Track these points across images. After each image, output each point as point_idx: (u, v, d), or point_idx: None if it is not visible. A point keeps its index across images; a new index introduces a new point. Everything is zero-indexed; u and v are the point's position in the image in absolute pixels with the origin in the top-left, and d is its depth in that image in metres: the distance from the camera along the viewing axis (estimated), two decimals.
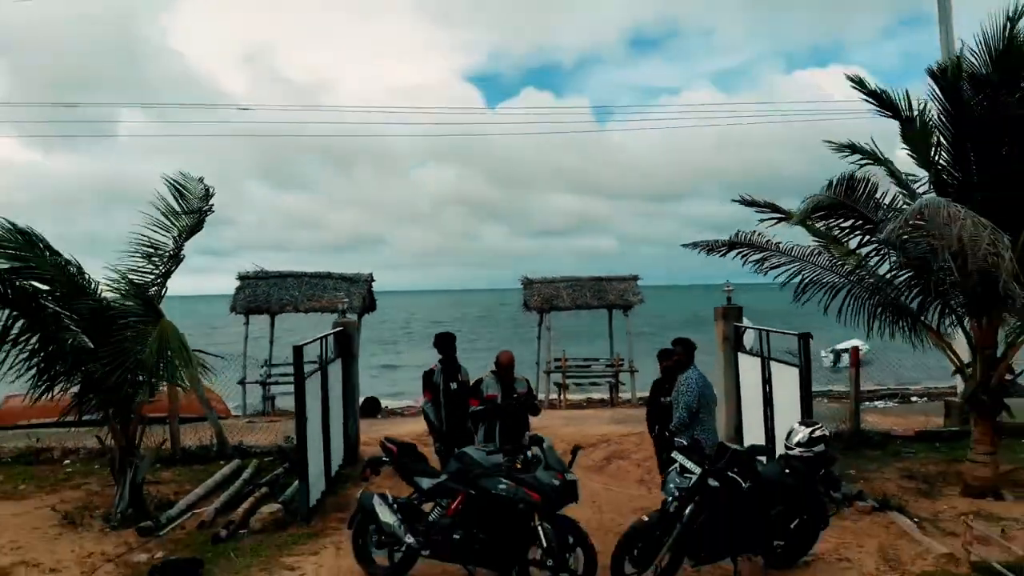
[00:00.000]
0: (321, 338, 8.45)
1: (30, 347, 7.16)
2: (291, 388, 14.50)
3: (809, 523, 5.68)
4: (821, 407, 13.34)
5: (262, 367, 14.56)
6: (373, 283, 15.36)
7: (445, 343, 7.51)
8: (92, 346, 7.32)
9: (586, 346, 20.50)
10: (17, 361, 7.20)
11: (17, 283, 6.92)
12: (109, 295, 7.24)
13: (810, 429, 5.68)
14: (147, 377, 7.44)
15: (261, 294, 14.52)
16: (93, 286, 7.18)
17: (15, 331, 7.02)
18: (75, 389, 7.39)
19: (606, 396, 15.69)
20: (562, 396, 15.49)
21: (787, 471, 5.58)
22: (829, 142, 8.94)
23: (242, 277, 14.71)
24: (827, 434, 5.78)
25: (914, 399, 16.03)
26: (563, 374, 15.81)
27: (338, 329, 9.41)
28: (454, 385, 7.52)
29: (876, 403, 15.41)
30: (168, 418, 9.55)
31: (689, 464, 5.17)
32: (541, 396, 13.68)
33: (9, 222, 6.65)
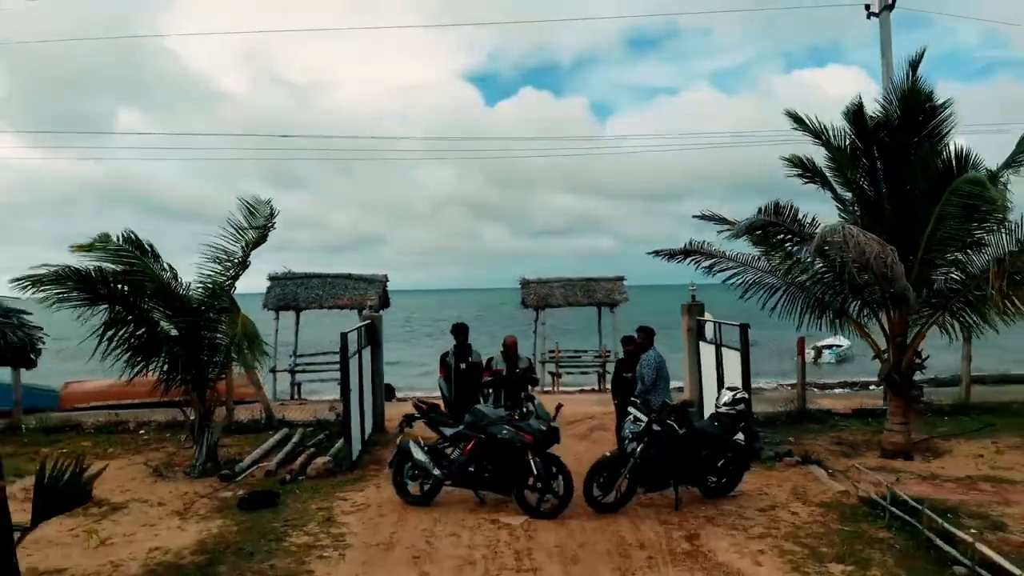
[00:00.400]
0: (355, 329, 10.37)
1: (128, 335, 9.05)
2: (315, 375, 16.48)
3: (734, 464, 7.61)
4: (782, 392, 15.34)
5: (290, 357, 16.48)
6: (387, 283, 17.26)
7: (460, 331, 9.46)
8: (178, 334, 9.24)
9: (577, 340, 22.47)
10: (114, 349, 9.07)
11: (123, 283, 8.82)
12: (195, 294, 9.16)
13: (733, 393, 7.63)
14: (222, 359, 9.39)
15: (289, 293, 16.43)
16: (184, 286, 9.10)
17: (118, 323, 8.94)
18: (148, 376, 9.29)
19: (596, 386, 17.59)
20: (555, 384, 17.41)
21: (715, 423, 7.52)
22: (784, 158, 10.87)
23: (272, 278, 16.61)
24: (747, 397, 7.73)
25: (871, 387, 17.93)
26: (556, 364, 17.77)
27: (367, 322, 11.33)
28: (463, 365, 9.48)
29: (836, 390, 17.38)
30: (224, 397, 11.46)
31: (639, 414, 7.11)
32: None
33: (129, 233, 8.59)
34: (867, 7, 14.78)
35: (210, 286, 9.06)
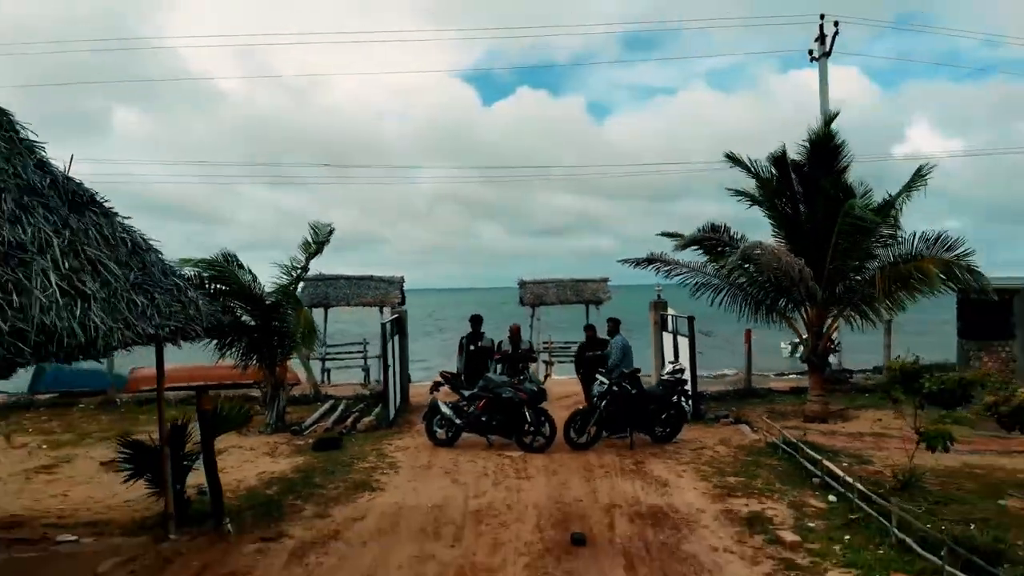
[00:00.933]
0: (390, 321, 13.17)
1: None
2: (343, 364, 19.21)
3: (674, 418, 10.41)
4: (742, 376, 18.11)
5: (321, 347, 19.24)
6: (403, 284, 20.04)
7: (475, 320, 12.33)
8: (254, 324, 12.02)
9: (569, 333, 25.26)
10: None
11: (215, 284, 11.60)
12: (268, 294, 11.97)
13: (673, 365, 10.47)
14: (288, 344, 12.18)
15: (320, 292, 19.16)
16: (260, 287, 11.89)
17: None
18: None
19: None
20: (548, 371, 20.19)
21: (660, 387, 10.33)
22: (728, 188, 13.67)
23: (305, 280, 19.37)
24: (683, 368, 10.56)
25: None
26: (549, 353, 20.56)
27: (396, 316, 14.14)
28: (473, 347, 12.29)
29: (790, 375, 20.14)
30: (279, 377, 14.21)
31: (603, 379, 9.92)
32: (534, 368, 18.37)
33: (226, 252, 11.38)
34: (810, 52, 17.62)
35: (281, 288, 11.88)
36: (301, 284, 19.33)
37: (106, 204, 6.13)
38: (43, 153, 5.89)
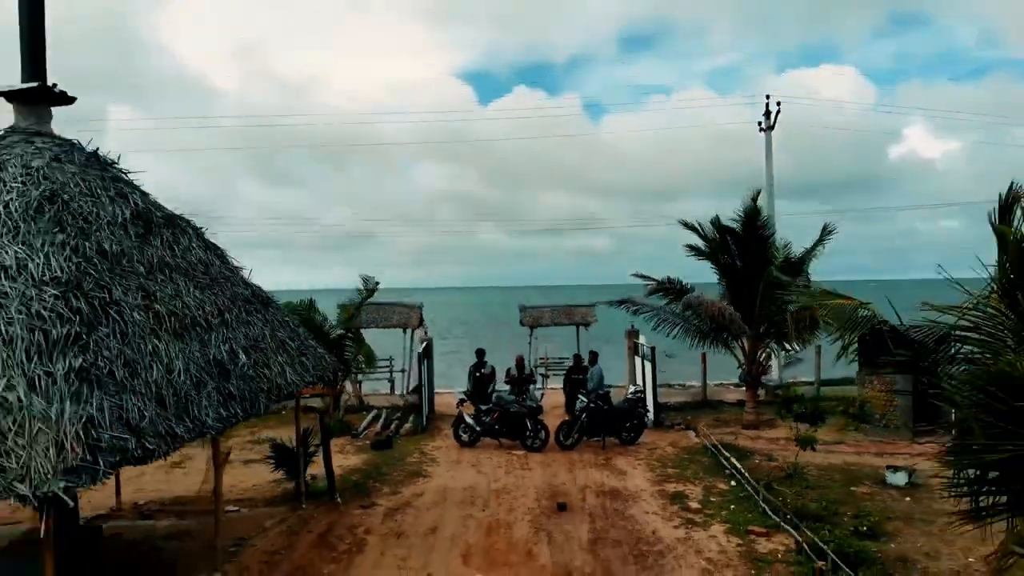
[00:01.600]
0: (423, 347, 16.99)
1: None
2: (373, 381, 22.89)
3: (636, 426, 14.26)
4: (694, 390, 21.89)
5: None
6: (422, 310, 23.82)
7: (479, 353, 16.16)
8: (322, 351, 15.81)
9: (561, 349, 29.25)
10: None
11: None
12: (333, 330, 15.80)
13: (635, 388, 14.34)
14: (346, 368, 16.01)
15: (354, 317, 22.96)
16: (327, 324, 15.70)
17: None
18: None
19: None
20: (544, 383, 24.04)
21: (625, 403, 14.21)
22: (685, 244, 17.52)
23: (340, 306, 23.15)
24: (642, 390, 14.44)
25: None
26: (545, 368, 24.41)
27: (425, 343, 17.97)
28: (478, 374, 16.11)
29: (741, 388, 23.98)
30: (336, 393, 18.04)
31: (584, 398, 13.78)
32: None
33: (305, 301, 15.20)
34: (759, 123, 21.48)
35: (342, 325, 15.73)
36: (338, 311, 23.34)
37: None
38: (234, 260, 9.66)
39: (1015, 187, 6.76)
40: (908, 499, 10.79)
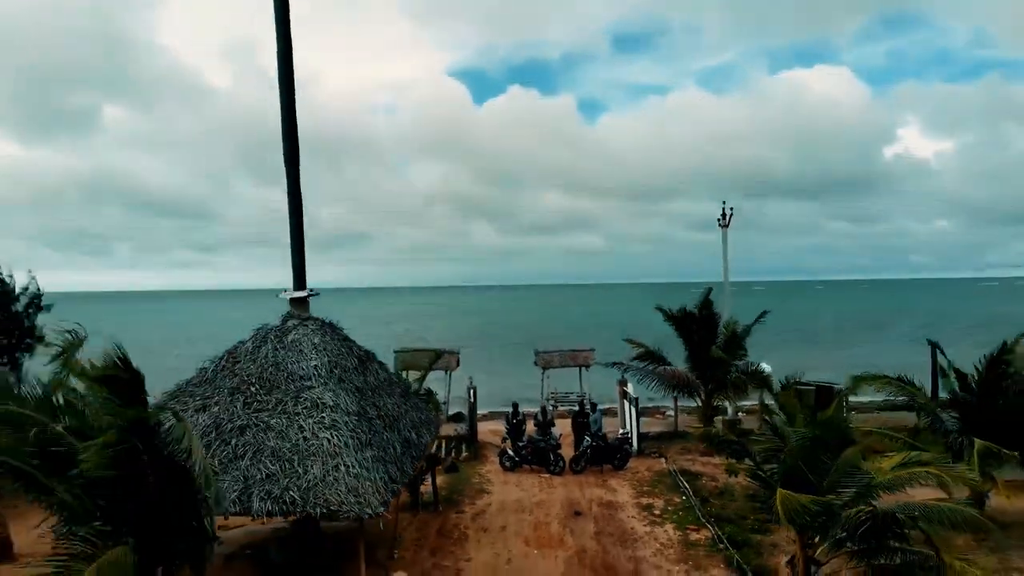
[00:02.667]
0: (470, 391, 23.79)
1: None
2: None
3: (624, 457, 21.12)
4: (670, 419, 28.78)
5: None
6: (459, 355, 30.54)
7: (515, 406, 22.95)
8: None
9: (569, 383, 36.13)
10: None
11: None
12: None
13: (624, 431, 21.21)
14: None
15: (408, 358, 29.67)
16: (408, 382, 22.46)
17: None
18: None
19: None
20: (555, 414, 30.89)
21: (617, 440, 21.08)
22: (664, 319, 24.36)
23: (396, 351, 29.84)
24: (628, 432, 21.30)
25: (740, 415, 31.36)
26: (555, 401, 31.26)
27: (472, 388, 24.75)
28: (514, 421, 22.89)
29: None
30: None
31: (589, 438, 20.63)
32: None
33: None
34: (719, 220, 28.35)
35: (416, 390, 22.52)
36: (394, 353, 30.07)
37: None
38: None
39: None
40: None
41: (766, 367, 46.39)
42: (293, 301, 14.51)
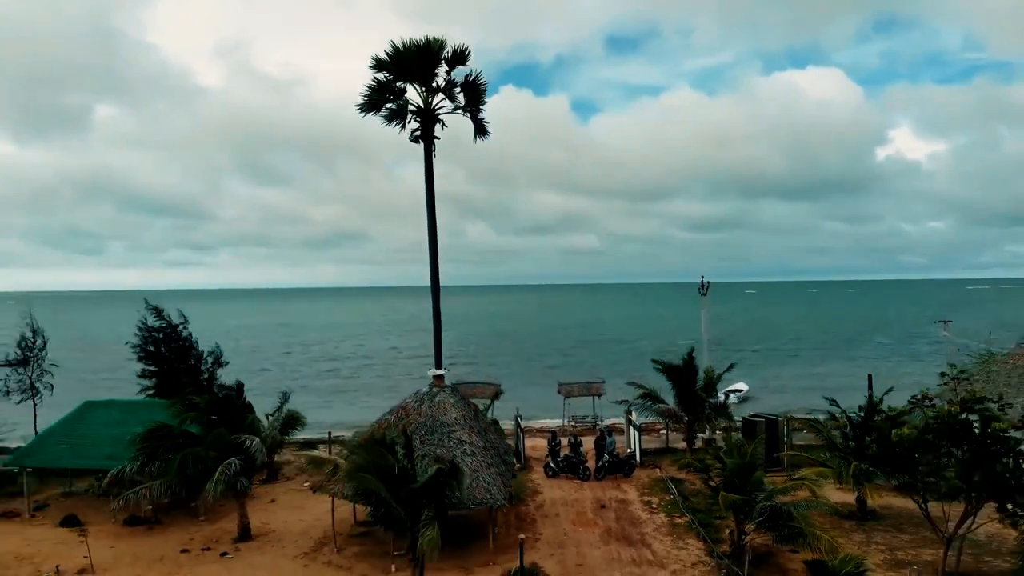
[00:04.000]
0: (516, 419, 33.25)
1: None
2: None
3: (631, 469, 30.65)
4: (663, 436, 38.36)
5: None
6: (500, 386, 39.87)
7: (553, 435, 32.47)
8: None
9: (585, 409, 45.63)
10: None
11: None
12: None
13: (630, 450, 30.75)
14: None
15: (468, 389, 39.00)
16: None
17: None
18: None
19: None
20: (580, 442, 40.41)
21: (626, 457, 30.61)
22: (656, 368, 33.91)
23: (455, 385, 39.19)
24: (633, 452, 30.84)
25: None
26: (574, 424, 40.75)
27: (518, 415, 34.22)
28: (554, 444, 32.42)
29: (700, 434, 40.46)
30: None
31: (607, 455, 30.14)
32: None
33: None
34: (699, 289, 37.80)
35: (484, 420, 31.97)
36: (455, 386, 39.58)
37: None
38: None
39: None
40: None
41: (743, 386, 56.89)
42: (435, 377, 23.90)
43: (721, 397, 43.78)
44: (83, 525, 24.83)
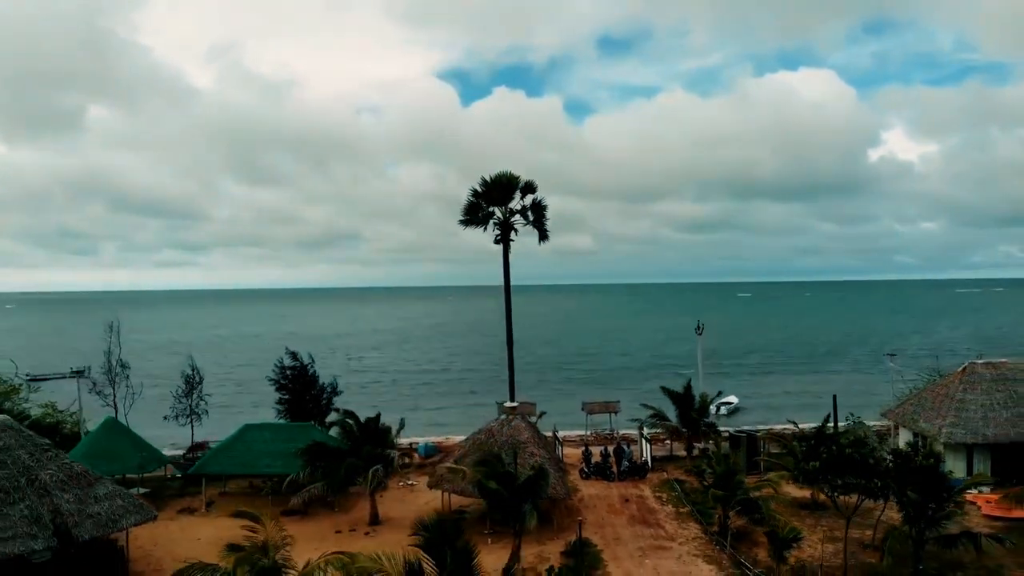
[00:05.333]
0: (554, 432, 43.54)
1: None
2: None
3: (644, 472, 41.01)
4: (667, 445, 48.79)
5: None
6: (536, 405, 50.03)
7: (586, 447, 42.82)
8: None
9: (604, 424, 55.98)
10: None
11: None
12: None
13: (644, 458, 41.14)
14: None
15: (519, 408, 49.15)
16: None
17: None
18: None
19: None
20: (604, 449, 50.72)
21: (640, 463, 40.98)
22: (665, 394, 44.28)
23: (504, 404, 49.23)
24: (647, 460, 41.23)
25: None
26: (595, 432, 51.06)
27: (556, 430, 44.48)
28: (587, 451, 42.77)
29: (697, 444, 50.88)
30: None
31: (627, 462, 40.47)
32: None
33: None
34: (695, 330, 48.19)
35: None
36: (500, 404, 49.82)
37: None
38: None
39: None
40: None
41: (733, 399, 67.66)
42: (510, 408, 34.07)
43: (713, 409, 54.62)
44: (254, 515, 34.92)
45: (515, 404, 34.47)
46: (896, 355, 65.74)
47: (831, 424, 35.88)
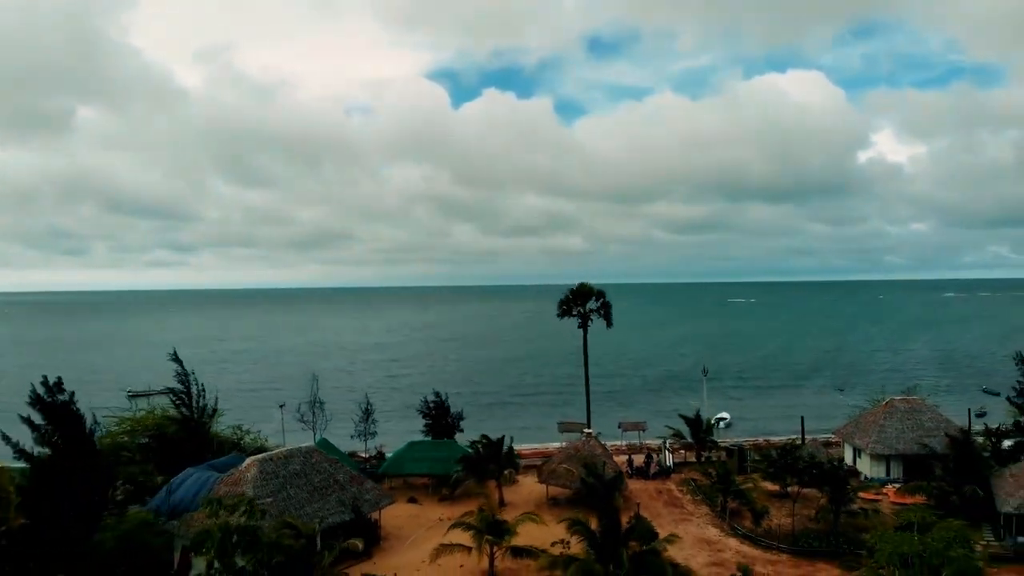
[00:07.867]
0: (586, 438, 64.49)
1: None
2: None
3: (669, 472, 61.88)
4: (682, 453, 69.74)
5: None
6: (593, 434, 70.54)
7: (630, 456, 63.75)
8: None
9: (635, 439, 76.58)
10: None
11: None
12: None
13: (668, 464, 62.09)
14: None
15: (568, 426, 69.36)
16: None
17: None
18: None
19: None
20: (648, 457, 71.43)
21: (667, 466, 61.88)
22: (681, 416, 65.16)
23: (560, 422, 69.50)
24: (671, 466, 62.20)
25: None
26: (627, 444, 71.78)
27: (604, 443, 65.33)
28: (630, 458, 63.59)
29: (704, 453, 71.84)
30: None
31: (657, 466, 61.33)
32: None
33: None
34: (701, 371, 69.02)
35: None
36: (558, 423, 70.58)
37: None
38: None
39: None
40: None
41: (726, 415, 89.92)
42: (587, 432, 54.68)
43: (713, 422, 75.99)
44: (418, 502, 55.59)
45: (591, 431, 54.96)
46: (844, 390, 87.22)
47: (798, 440, 56.80)
